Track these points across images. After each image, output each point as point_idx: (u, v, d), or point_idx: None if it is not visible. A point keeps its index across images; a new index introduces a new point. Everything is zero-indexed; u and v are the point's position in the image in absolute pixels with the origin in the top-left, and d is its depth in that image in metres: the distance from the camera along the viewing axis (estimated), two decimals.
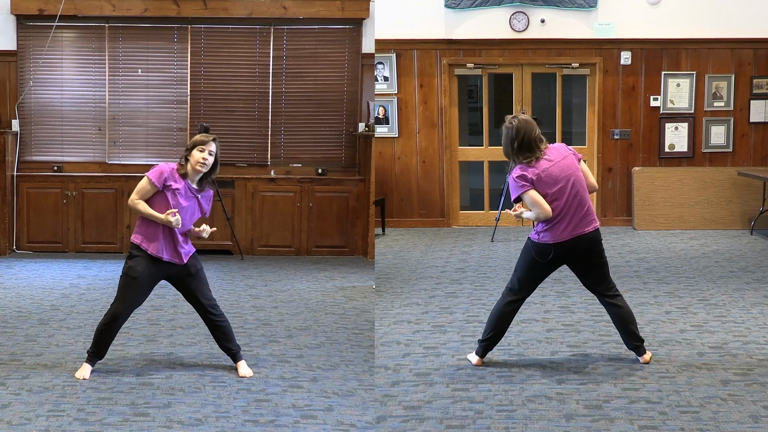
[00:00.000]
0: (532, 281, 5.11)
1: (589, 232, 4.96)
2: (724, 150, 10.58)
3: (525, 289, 5.11)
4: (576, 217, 4.92)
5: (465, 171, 11.02)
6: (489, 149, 10.84)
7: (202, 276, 5.15)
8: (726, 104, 10.53)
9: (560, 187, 4.88)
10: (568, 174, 4.91)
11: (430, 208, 10.81)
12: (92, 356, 5.07)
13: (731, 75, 10.47)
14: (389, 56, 10.56)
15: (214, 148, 5.03)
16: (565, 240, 4.92)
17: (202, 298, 5.12)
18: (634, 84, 10.51)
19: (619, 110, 10.56)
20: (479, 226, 10.81)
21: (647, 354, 5.14)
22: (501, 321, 5.11)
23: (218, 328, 5.16)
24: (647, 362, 5.09)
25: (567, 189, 4.89)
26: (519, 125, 4.91)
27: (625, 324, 5.09)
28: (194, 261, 5.13)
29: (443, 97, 10.62)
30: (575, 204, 4.91)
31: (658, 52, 10.47)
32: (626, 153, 10.61)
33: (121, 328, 5.15)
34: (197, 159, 4.96)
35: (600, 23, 10.43)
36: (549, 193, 4.88)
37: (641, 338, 5.14)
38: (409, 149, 10.74)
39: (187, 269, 5.07)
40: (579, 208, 4.92)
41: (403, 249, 9.26)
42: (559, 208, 4.88)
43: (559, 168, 4.90)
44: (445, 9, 10.49)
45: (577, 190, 4.92)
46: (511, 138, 4.91)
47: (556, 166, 4.90)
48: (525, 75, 10.66)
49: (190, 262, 5.08)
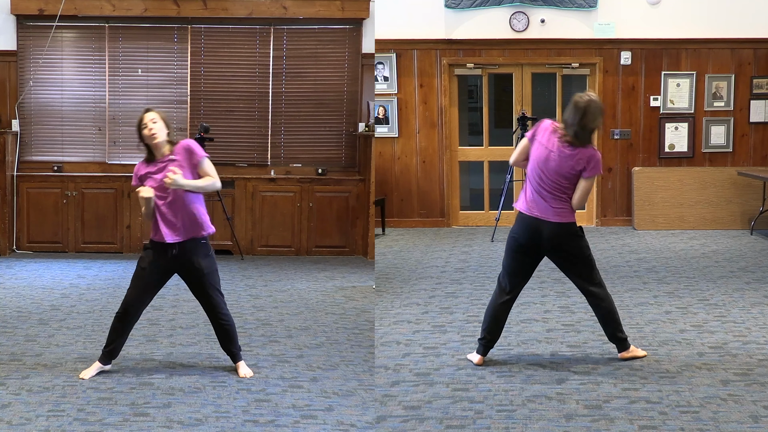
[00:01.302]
0: (513, 274, 5.09)
1: (552, 222, 4.94)
2: (724, 150, 10.58)
3: (511, 284, 5.10)
4: (539, 200, 4.95)
5: (465, 171, 11.02)
6: (489, 149, 10.84)
7: (214, 276, 5.10)
8: (726, 104, 10.54)
9: (543, 167, 4.92)
10: (560, 167, 4.90)
11: (430, 208, 10.81)
12: (106, 355, 5.06)
13: (731, 75, 10.47)
14: (389, 56, 10.56)
15: (151, 116, 4.95)
16: (524, 213, 4.98)
17: (210, 298, 5.10)
18: (634, 84, 10.51)
19: (619, 110, 10.56)
20: (479, 226, 10.81)
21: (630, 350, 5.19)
22: (495, 318, 5.12)
23: (223, 329, 5.15)
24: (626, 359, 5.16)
25: (545, 175, 4.92)
26: (591, 107, 4.84)
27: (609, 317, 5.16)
28: (208, 261, 5.05)
29: (443, 97, 10.62)
30: (543, 190, 4.93)
31: (658, 52, 10.47)
32: (626, 153, 10.61)
33: (134, 324, 5.14)
34: (146, 134, 4.93)
35: (600, 23, 10.43)
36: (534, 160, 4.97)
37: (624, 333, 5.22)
38: (409, 149, 10.74)
39: (199, 267, 5.00)
40: (544, 197, 4.93)
41: (403, 249, 9.26)
42: (530, 181, 5.00)
43: (560, 160, 4.89)
44: (445, 9, 10.49)
45: (553, 181, 4.91)
46: (579, 115, 4.84)
47: (561, 156, 4.89)
48: (525, 75, 10.66)
49: (205, 262, 5.01)
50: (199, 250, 5.01)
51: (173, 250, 4.95)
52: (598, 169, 4.91)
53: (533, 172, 4.99)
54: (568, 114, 4.91)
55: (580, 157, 4.88)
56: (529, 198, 5.00)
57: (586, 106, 4.84)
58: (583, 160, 4.89)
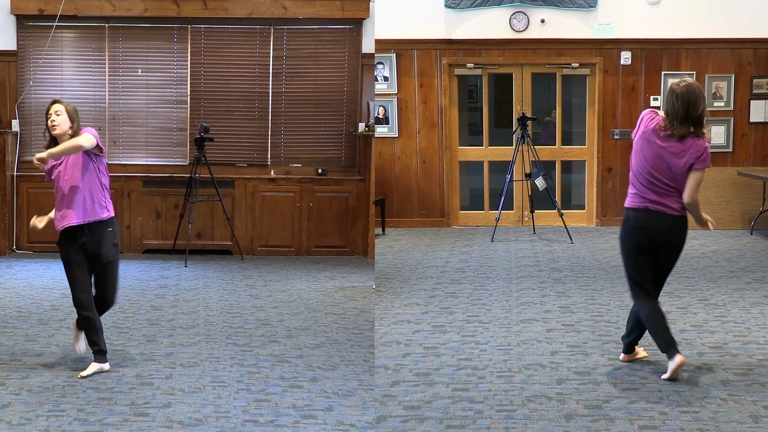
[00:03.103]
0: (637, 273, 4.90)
1: (665, 213, 4.79)
2: (724, 150, 10.58)
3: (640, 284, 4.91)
4: (647, 192, 4.79)
5: (465, 171, 11.02)
6: (489, 149, 10.84)
7: (112, 271, 5.17)
8: (726, 104, 10.54)
9: (652, 163, 4.75)
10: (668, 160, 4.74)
11: (430, 208, 10.81)
12: (96, 353, 5.12)
13: (731, 75, 10.47)
14: (389, 56, 10.56)
15: (57, 107, 5.19)
16: (636, 207, 4.79)
17: (101, 289, 5.18)
18: (634, 84, 10.51)
19: (619, 110, 10.56)
20: (479, 226, 10.81)
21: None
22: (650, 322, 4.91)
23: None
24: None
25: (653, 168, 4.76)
26: (688, 93, 4.62)
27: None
28: (112, 251, 5.15)
29: (443, 97, 10.62)
30: (650, 182, 4.78)
31: (658, 52, 10.47)
32: (626, 153, 10.60)
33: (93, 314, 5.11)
34: (49, 125, 5.21)
35: (600, 23, 10.43)
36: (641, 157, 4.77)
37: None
38: (409, 149, 10.74)
39: (101, 257, 5.11)
40: (651, 186, 4.78)
41: (403, 249, 9.26)
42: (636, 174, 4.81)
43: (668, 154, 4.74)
44: (445, 9, 10.49)
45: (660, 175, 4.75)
46: (673, 103, 4.66)
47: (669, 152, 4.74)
48: (525, 75, 10.66)
49: (110, 250, 5.12)
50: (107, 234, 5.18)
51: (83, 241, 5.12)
52: (707, 161, 4.76)
53: (641, 169, 4.78)
54: (667, 105, 4.69)
55: (692, 153, 4.75)
56: (637, 193, 4.81)
57: (684, 93, 4.63)
58: (694, 158, 4.76)
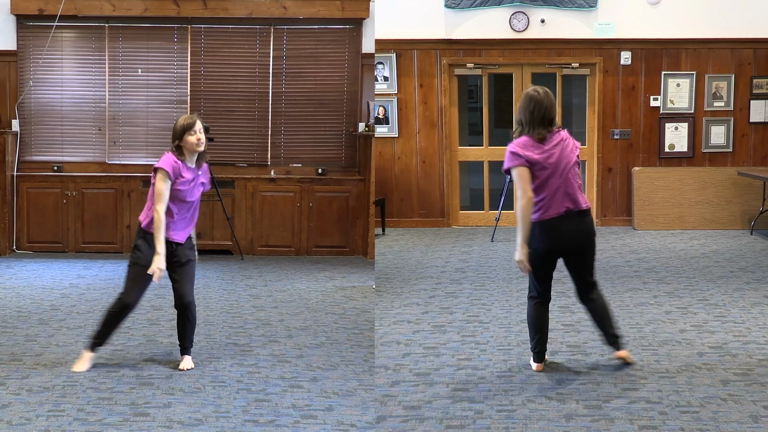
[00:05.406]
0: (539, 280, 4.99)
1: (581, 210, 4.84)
2: (724, 150, 10.58)
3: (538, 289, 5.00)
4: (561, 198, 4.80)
5: (465, 171, 11.02)
6: (489, 149, 10.84)
7: (190, 270, 5.21)
8: (726, 104, 10.53)
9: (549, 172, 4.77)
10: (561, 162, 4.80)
11: (430, 208, 10.81)
12: (95, 345, 5.16)
13: (731, 75, 10.47)
14: (389, 56, 10.56)
15: (201, 125, 5.12)
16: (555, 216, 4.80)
17: (181, 289, 5.18)
18: (634, 84, 10.51)
19: (619, 110, 10.56)
20: (479, 226, 10.81)
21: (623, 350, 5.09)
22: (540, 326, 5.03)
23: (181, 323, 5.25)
24: (623, 358, 5.06)
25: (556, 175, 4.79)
26: (542, 98, 4.78)
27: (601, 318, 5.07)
28: (189, 251, 5.21)
29: (443, 97, 10.62)
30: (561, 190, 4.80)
31: (658, 52, 10.47)
32: (626, 153, 10.61)
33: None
34: (193, 142, 5.06)
35: (600, 23, 10.43)
36: (538, 176, 4.77)
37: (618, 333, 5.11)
38: (409, 149, 10.74)
39: (179, 258, 5.13)
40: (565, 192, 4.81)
41: (403, 249, 9.26)
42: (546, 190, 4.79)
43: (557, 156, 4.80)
44: (445, 9, 10.49)
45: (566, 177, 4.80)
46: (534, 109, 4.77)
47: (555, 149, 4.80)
48: (525, 75, 10.65)
49: (186, 251, 5.16)
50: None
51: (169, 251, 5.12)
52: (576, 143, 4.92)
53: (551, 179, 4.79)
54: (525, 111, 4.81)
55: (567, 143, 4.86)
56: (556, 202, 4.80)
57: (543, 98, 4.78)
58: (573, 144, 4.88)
